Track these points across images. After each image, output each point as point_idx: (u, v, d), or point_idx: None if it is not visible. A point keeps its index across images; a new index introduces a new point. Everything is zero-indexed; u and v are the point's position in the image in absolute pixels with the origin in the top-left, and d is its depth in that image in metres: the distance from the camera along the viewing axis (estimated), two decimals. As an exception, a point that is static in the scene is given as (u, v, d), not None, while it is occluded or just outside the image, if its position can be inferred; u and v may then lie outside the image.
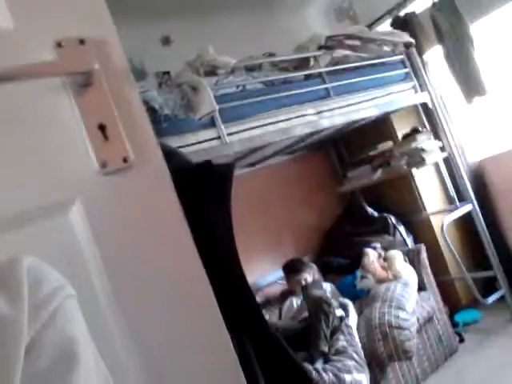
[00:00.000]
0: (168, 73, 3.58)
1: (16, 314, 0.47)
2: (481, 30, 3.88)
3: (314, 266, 3.61)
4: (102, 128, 0.77)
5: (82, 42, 0.74)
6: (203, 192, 0.84)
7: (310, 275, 3.38)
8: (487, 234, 3.71)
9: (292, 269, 3.46)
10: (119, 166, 0.77)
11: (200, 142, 2.63)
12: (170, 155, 0.86)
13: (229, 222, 0.83)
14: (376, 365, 2.91)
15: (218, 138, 2.70)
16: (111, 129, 0.77)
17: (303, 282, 3.31)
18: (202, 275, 0.78)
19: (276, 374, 0.89)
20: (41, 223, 0.72)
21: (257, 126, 2.89)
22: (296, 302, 3.34)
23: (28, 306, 0.48)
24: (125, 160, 0.78)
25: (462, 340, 3.47)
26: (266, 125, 2.92)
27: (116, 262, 0.75)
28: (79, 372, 0.48)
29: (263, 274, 3.72)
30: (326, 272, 3.77)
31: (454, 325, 3.60)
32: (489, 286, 3.77)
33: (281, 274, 3.62)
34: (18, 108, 0.73)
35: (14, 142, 0.73)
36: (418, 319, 3.10)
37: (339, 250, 3.94)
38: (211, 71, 2.95)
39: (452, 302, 3.75)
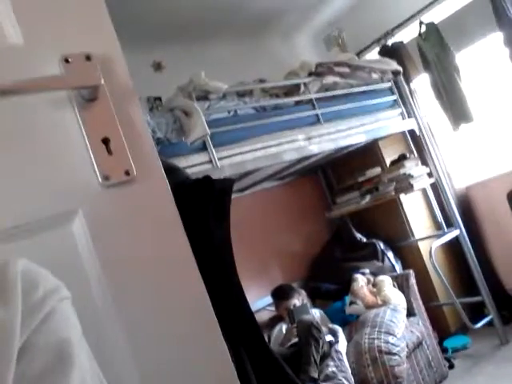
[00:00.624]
0: (159, 98, 3.62)
1: (9, 318, 0.46)
2: (466, 59, 3.99)
3: (303, 292, 3.60)
4: (105, 142, 0.78)
5: (88, 57, 0.76)
6: (203, 206, 0.85)
7: (298, 301, 3.37)
8: (475, 259, 3.74)
9: (281, 295, 3.45)
10: (121, 179, 0.78)
11: (191, 166, 2.64)
12: (170, 170, 0.87)
13: (228, 236, 0.84)
14: (366, 391, 2.89)
15: (210, 162, 2.72)
16: (115, 142, 0.78)
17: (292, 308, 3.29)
18: (200, 287, 0.79)
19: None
20: (42, 234, 0.72)
21: (248, 151, 2.92)
22: (285, 327, 3.32)
23: (21, 309, 0.47)
24: (127, 173, 0.79)
25: (451, 366, 3.47)
26: (256, 150, 2.96)
27: (117, 273, 0.76)
28: (74, 374, 0.48)
29: (251, 301, 3.65)
30: (315, 298, 3.77)
31: (444, 350, 3.60)
32: (477, 311, 3.79)
33: (269, 300, 3.60)
34: (25, 120, 0.74)
35: (18, 153, 0.73)
36: (407, 344, 3.09)
37: (328, 275, 3.94)
38: (203, 96, 2.99)
39: (441, 328, 3.76)
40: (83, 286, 0.73)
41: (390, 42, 4.29)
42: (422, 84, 4.24)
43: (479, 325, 3.60)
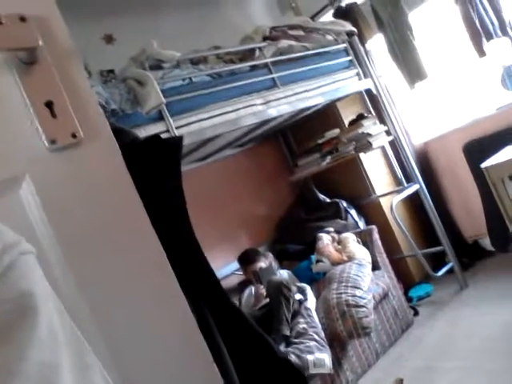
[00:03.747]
0: (112, 71, 3.55)
1: None
2: (419, 18, 4.03)
3: (270, 254, 3.66)
4: (49, 105, 0.77)
5: (22, 19, 0.74)
6: (154, 165, 0.86)
7: (265, 263, 3.42)
8: (434, 211, 3.85)
9: (246, 259, 3.49)
10: (68, 142, 0.78)
11: (149, 136, 2.61)
12: (118, 132, 0.87)
13: (181, 192, 0.85)
14: (337, 343, 2.99)
15: (167, 131, 2.70)
16: (59, 105, 0.78)
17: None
18: (155, 242, 0.80)
19: (236, 338, 0.92)
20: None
21: (205, 118, 2.90)
22: (254, 290, 3.37)
23: None
24: (74, 136, 0.78)
25: (416, 313, 3.61)
26: (214, 116, 2.94)
27: (68, 236, 0.76)
28: (40, 327, 0.47)
29: (218, 268, 3.70)
30: (283, 259, 3.83)
31: (409, 299, 3.75)
32: (439, 260, 3.93)
33: (237, 265, 3.65)
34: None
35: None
36: (373, 297, 3.19)
37: (294, 237, 4.00)
38: (156, 65, 2.94)
39: (405, 278, 3.90)
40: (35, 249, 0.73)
41: (343, 4, 4.29)
42: (377, 44, 4.27)
43: (441, 273, 3.76)
